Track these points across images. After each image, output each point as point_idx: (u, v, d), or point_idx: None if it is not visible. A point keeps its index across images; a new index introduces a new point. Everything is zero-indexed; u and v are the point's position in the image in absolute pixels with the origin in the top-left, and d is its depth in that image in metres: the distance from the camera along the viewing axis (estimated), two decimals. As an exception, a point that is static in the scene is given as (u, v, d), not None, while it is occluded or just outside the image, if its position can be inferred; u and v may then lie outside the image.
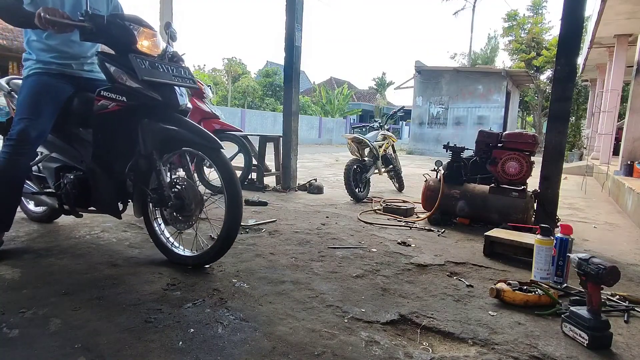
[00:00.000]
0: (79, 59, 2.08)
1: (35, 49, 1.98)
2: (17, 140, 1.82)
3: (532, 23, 22.56)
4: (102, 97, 1.79)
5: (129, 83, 1.75)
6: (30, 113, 1.85)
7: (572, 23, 2.74)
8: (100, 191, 1.95)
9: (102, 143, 1.88)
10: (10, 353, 1.16)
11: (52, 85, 1.95)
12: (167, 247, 1.98)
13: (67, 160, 2.09)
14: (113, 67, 1.78)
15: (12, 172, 1.86)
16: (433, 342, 1.34)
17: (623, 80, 8.62)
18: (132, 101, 1.76)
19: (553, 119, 2.85)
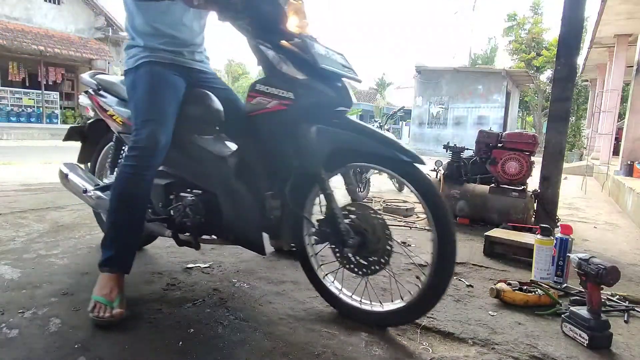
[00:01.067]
0: (189, 46, 1.67)
1: (141, 33, 1.59)
2: (145, 148, 1.43)
3: (532, 23, 22.56)
4: (258, 93, 1.37)
5: (294, 74, 1.32)
6: (155, 113, 1.48)
7: (572, 23, 2.74)
8: (239, 217, 1.47)
9: (253, 155, 1.44)
10: (10, 353, 1.16)
11: (168, 77, 1.56)
12: (338, 297, 1.48)
13: (182, 176, 1.62)
14: (271, 52, 1.35)
15: (138, 192, 1.45)
16: (433, 342, 1.34)
17: (623, 80, 8.63)
18: (302, 99, 1.32)
19: (553, 119, 2.85)
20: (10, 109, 13.53)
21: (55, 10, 14.66)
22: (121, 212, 1.46)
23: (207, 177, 1.53)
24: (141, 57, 1.57)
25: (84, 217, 2.73)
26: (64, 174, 2.01)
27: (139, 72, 1.56)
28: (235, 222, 1.48)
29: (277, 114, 1.35)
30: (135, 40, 1.61)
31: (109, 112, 1.79)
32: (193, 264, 1.94)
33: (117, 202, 1.46)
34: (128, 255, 1.47)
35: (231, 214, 1.48)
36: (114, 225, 1.46)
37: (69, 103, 15.84)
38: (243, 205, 1.45)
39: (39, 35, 13.57)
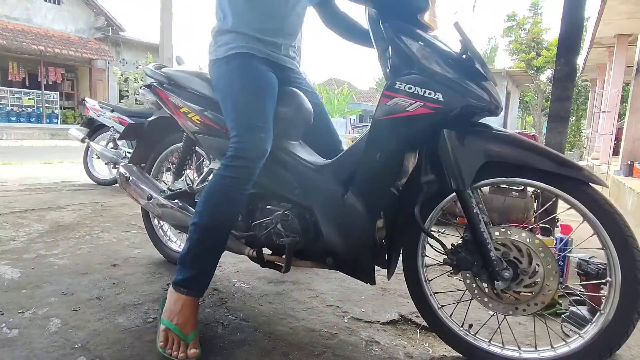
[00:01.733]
0: (287, 38, 1.45)
1: (236, 14, 1.34)
2: (251, 158, 1.24)
3: (532, 23, 22.57)
4: (397, 93, 1.12)
5: (444, 72, 1.09)
6: (260, 117, 1.28)
7: (572, 23, 2.74)
8: (347, 239, 1.26)
9: (381, 165, 1.19)
10: (10, 353, 1.16)
11: (266, 75, 1.35)
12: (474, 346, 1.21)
13: (269, 186, 1.40)
14: (416, 44, 1.12)
15: (234, 206, 1.28)
16: (433, 342, 1.34)
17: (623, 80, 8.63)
18: (453, 103, 1.08)
19: (553, 119, 2.85)
20: (10, 109, 13.54)
21: (55, 10, 14.67)
22: (212, 228, 1.26)
23: (299, 188, 1.33)
24: (234, 47, 1.34)
25: (84, 217, 2.73)
26: (125, 177, 1.79)
27: (233, 64, 1.34)
28: (339, 244, 1.27)
29: (418, 118, 1.11)
30: (227, 24, 1.36)
31: (183, 109, 1.55)
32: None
33: (210, 217, 1.25)
34: (209, 276, 1.29)
35: (334, 234, 1.27)
36: (201, 242, 1.25)
37: (69, 103, 15.84)
38: (352, 225, 1.23)
39: (39, 35, 13.58)
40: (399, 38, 1.13)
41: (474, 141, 1.10)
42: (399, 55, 1.14)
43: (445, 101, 1.08)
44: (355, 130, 5.07)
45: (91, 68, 15.44)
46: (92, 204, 3.18)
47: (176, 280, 1.25)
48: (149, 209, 1.72)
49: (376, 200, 1.22)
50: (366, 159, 1.20)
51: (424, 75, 1.10)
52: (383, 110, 1.15)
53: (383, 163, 1.19)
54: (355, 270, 1.30)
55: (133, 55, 16.40)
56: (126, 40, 16.29)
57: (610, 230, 1.01)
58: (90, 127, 4.13)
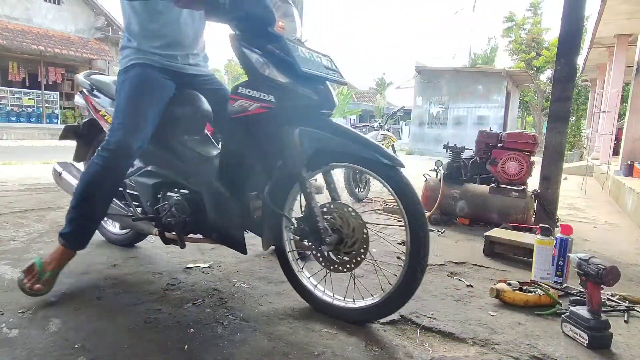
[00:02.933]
0: (184, 49, 1.67)
1: (136, 34, 1.60)
2: (115, 151, 1.49)
3: (532, 23, 22.57)
4: (240, 96, 1.38)
5: (276, 77, 1.34)
6: (132, 118, 1.52)
7: (572, 23, 2.74)
8: (222, 217, 1.52)
9: (235, 156, 1.47)
10: (10, 353, 1.16)
11: (156, 81, 1.59)
12: (314, 295, 1.52)
13: (169, 175, 1.66)
14: (255, 55, 1.35)
15: (104, 188, 1.54)
16: (433, 342, 1.34)
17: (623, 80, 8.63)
18: (284, 102, 1.33)
19: (553, 119, 2.85)
20: (10, 109, 13.53)
21: (55, 10, 14.66)
22: (83, 200, 1.54)
23: (192, 177, 1.59)
24: (131, 59, 1.60)
25: (84, 217, 2.73)
26: (58, 172, 2.08)
27: (129, 73, 1.58)
28: (218, 221, 1.53)
29: (258, 116, 1.36)
30: (129, 42, 1.62)
31: (101, 112, 1.83)
32: (193, 264, 1.94)
33: (81, 194, 1.53)
34: (84, 237, 1.58)
35: (214, 214, 1.53)
36: (75, 209, 1.54)
37: (69, 103, 15.82)
38: (225, 205, 1.50)
39: (39, 35, 13.58)
40: (239, 49, 1.37)
41: (307, 134, 1.36)
42: (244, 64, 1.38)
43: (276, 102, 1.33)
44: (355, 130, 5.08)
45: (91, 68, 15.41)
46: (92, 204, 3.17)
47: (60, 233, 1.56)
48: None
49: (240, 186, 1.49)
50: (225, 151, 1.50)
51: (260, 81, 1.35)
52: (232, 110, 1.40)
53: (237, 154, 1.47)
54: (231, 243, 1.56)
55: (133, 55, 16.37)
56: (126, 40, 16.26)
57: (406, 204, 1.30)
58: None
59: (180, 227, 1.59)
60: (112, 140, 1.50)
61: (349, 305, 1.45)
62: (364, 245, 1.37)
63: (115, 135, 1.50)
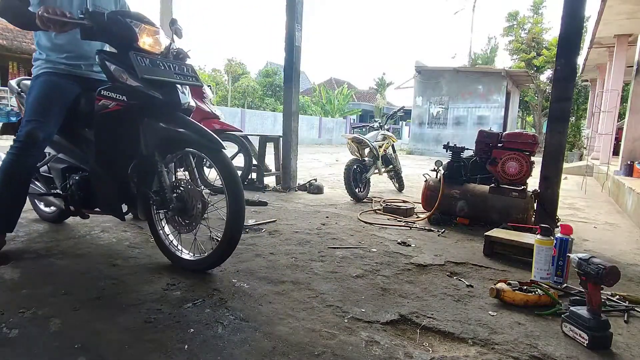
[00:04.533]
0: (88, 59, 2.05)
1: (44, 48, 1.96)
2: (24, 142, 1.80)
3: (532, 23, 22.57)
4: (102, 97, 1.76)
5: (129, 82, 1.72)
6: (38, 114, 1.83)
7: (572, 23, 2.74)
8: (103, 192, 1.94)
9: (104, 144, 1.85)
10: (10, 353, 1.16)
11: (60, 85, 1.93)
12: (171, 251, 1.94)
13: (73, 161, 2.08)
14: (113, 66, 1.74)
15: (18, 173, 1.84)
16: (433, 342, 1.34)
17: (623, 80, 8.63)
18: (133, 100, 1.72)
19: (553, 119, 2.85)
20: (10, 109, 13.52)
21: (55, 10, 14.65)
22: (3, 187, 1.83)
23: (86, 162, 1.99)
24: (42, 68, 1.96)
25: (84, 217, 2.73)
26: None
27: (37, 81, 1.93)
28: (101, 196, 1.97)
29: (115, 112, 1.75)
30: (40, 54, 1.97)
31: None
32: (193, 264, 1.94)
33: (1, 181, 1.83)
34: (10, 219, 1.90)
35: (98, 190, 1.95)
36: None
37: (69, 103, 15.83)
38: (104, 183, 1.91)
39: (39, 35, 13.57)
40: (102, 61, 1.76)
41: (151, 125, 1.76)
42: (106, 73, 1.78)
43: (127, 100, 1.72)
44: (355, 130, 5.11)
45: (91, 68, 15.43)
46: (92, 204, 3.17)
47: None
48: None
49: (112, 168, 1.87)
50: (96, 140, 1.85)
51: (115, 84, 1.75)
52: (97, 108, 1.78)
53: (108, 142, 1.84)
54: (112, 213, 1.99)
55: (133, 55, 16.37)
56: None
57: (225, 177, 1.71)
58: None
59: (77, 201, 2.02)
60: (21, 133, 1.81)
61: (190, 258, 1.90)
62: (200, 214, 1.79)
63: (24, 129, 1.81)
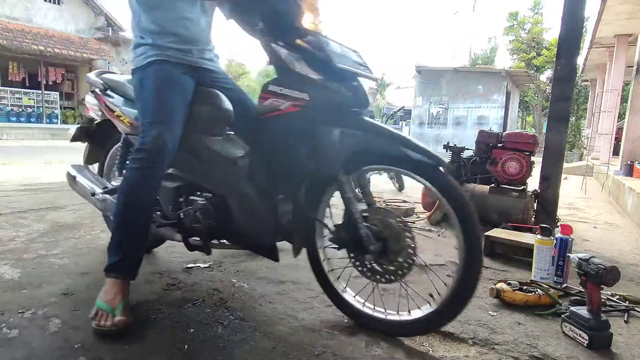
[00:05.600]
0: (197, 44, 1.61)
1: (147, 31, 1.54)
2: (152, 150, 1.38)
3: (532, 23, 22.57)
4: (270, 94, 1.31)
5: (308, 73, 1.26)
6: (163, 114, 1.43)
7: (572, 23, 2.74)
8: (251, 222, 1.44)
9: (264, 158, 1.39)
10: (10, 353, 1.16)
11: (177, 76, 1.51)
12: (353, 306, 1.42)
13: (191, 178, 1.57)
14: (284, 50, 1.28)
15: (147, 194, 1.42)
16: (433, 342, 1.34)
17: (623, 80, 8.63)
18: (316, 100, 1.26)
19: (553, 119, 2.85)
20: (10, 109, 13.54)
21: (55, 10, 14.67)
22: (128, 216, 1.41)
23: (216, 179, 1.49)
24: (149, 56, 1.51)
25: (84, 217, 2.73)
26: (72, 176, 1.98)
27: (147, 71, 1.51)
28: (246, 226, 1.45)
29: (290, 115, 1.28)
30: (143, 39, 1.54)
31: (116, 112, 1.72)
32: (193, 264, 1.94)
33: (124, 206, 1.41)
34: (135, 260, 1.43)
35: (242, 218, 1.44)
36: (120, 228, 1.41)
37: (69, 103, 15.84)
38: (254, 210, 1.40)
39: (39, 35, 13.58)
40: (267, 44, 1.30)
41: (342, 134, 1.27)
42: (274, 61, 1.31)
43: (310, 100, 1.25)
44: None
45: (91, 68, 15.41)
46: (92, 204, 3.18)
47: (105, 266, 1.40)
48: (93, 203, 1.88)
49: (272, 189, 1.39)
50: (253, 153, 1.41)
51: (291, 77, 1.27)
52: (261, 110, 1.34)
53: (266, 156, 1.37)
54: (261, 249, 1.48)
55: (133, 55, 16.39)
56: (126, 40, 16.27)
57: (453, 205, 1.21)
58: (90, 127, 4.12)
59: (206, 232, 1.50)
60: (146, 140, 1.39)
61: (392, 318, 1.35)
62: (410, 251, 1.26)
63: (148, 134, 1.39)
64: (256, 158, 1.40)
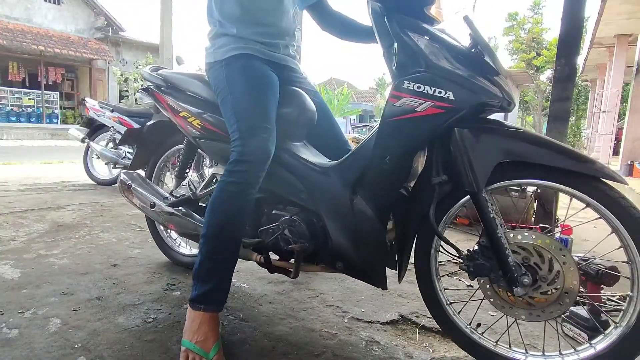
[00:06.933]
0: (285, 38, 1.42)
1: (231, 18, 1.32)
2: (255, 162, 1.19)
3: (532, 23, 22.58)
4: (405, 93, 1.07)
5: (454, 68, 1.04)
6: (264, 118, 1.23)
7: (572, 23, 2.74)
8: (354, 242, 1.22)
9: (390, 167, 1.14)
10: (10, 353, 1.16)
11: (268, 74, 1.32)
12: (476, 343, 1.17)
13: (275, 190, 1.34)
14: (424, 40, 1.06)
15: (242, 212, 1.22)
16: (433, 342, 1.34)
17: (623, 80, 8.63)
18: (464, 101, 1.03)
19: (553, 119, 2.85)
20: (10, 109, 13.53)
21: (55, 10, 14.67)
22: (222, 238, 1.21)
23: (306, 192, 1.28)
24: (234, 48, 1.31)
25: (84, 217, 2.73)
26: (127, 184, 1.73)
27: (233, 66, 1.30)
28: (348, 248, 1.23)
29: (430, 119, 1.05)
30: (224, 28, 1.33)
31: (182, 113, 1.50)
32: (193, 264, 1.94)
33: (218, 227, 1.20)
34: (227, 289, 1.22)
35: (342, 238, 1.23)
36: (212, 253, 1.20)
37: (69, 103, 15.84)
38: (361, 228, 1.19)
39: (39, 35, 13.58)
40: (405, 34, 1.07)
41: (487, 140, 1.04)
42: (406, 52, 1.07)
43: (456, 100, 1.03)
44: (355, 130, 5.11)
45: (91, 68, 15.44)
46: (92, 204, 3.18)
47: (192, 297, 1.19)
48: (153, 216, 1.66)
49: (386, 203, 1.18)
50: (375, 161, 1.16)
51: (433, 72, 1.05)
52: (391, 111, 1.10)
53: (392, 165, 1.14)
54: (367, 274, 1.25)
55: (133, 55, 16.40)
56: (126, 40, 16.29)
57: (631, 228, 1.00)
58: (90, 127, 4.13)
59: (300, 254, 1.27)
60: (247, 150, 1.19)
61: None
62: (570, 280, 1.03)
63: (249, 143, 1.19)
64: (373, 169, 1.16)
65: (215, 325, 1.18)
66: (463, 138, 1.04)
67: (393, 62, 1.11)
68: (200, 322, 1.16)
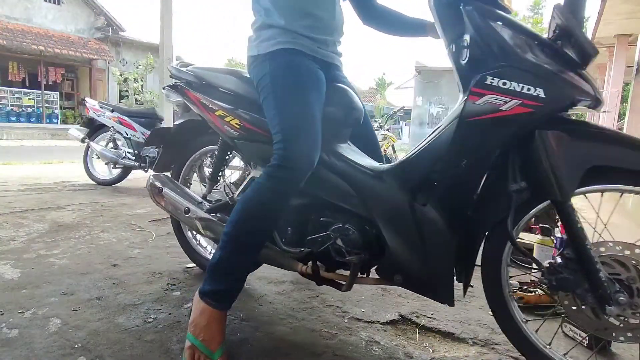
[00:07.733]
0: (333, 34, 1.33)
1: (282, 8, 1.22)
2: (298, 169, 1.12)
3: (532, 23, 22.58)
4: (489, 90, 0.97)
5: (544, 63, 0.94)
6: (309, 121, 1.15)
7: (572, 23, 2.74)
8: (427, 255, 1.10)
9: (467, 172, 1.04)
10: (10, 353, 1.16)
11: (316, 72, 1.23)
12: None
13: (322, 195, 1.24)
14: (508, 31, 0.97)
15: (272, 216, 1.17)
16: (433, 342, 1.34)
17: (623, 80, 8.64)
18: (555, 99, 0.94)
19: (553, 119, 2.84)
20: (10, 109, 13.54)
21: (55, 10, 14.67)
22: (246, 241, 1.16)
23: (361, 197, 1.18)
24: (280, 42, 1.21)
25: (84, 217, 2.73)
26: (158, 187, 1.63)
27: (278, 61, 1.21)
28: (411, 260, 1.13)
29: (516, 119, 0.95)
30: (271, 18, 1.23)
31: (218, 112, 1.38)
32: (193, 264, 1.94)
33: (244, 228, 1.16)
34: (239, 290, 1.19)
35: (404, 249, 1.13)
36: (234, 254, 1.16)
37: (69, 103, 15.85)
38: (429, 240, 1.09)
39: (39, 35, 13.58)
40: (486, 24, 0.97)
41: (576, 143, 0.94)
42: (486, 44, 0.97)
43: (547, 98, 0.93)
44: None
45: (91, 68, 15.44)
46: (92, 204, 3.18)
47: (204, 289, 1.16)
48: (187, 222, 1.56)
49: (458, 211, 1.08)
50: (449, 165, 1.05)
51: (521, 67, 0.95)
52: (472, 110, 0.99)
53: (469, 170, 1.04)
54: (433, 289, 1.14)
55: (133, 55, 16.41)
56: (126, 40, 16.29)
57: None
58: (90, 127, 4.13)
59: (357, 265, 1.18)
60: (291, 154, 1.11)
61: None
62: None
63: (293, 147, 1.12)
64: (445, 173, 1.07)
65: (222, 325, 1.17)
66: (547, 141, 0.94)
67: (463, 56, 1.01)
68: (208, 319, 1.14)
